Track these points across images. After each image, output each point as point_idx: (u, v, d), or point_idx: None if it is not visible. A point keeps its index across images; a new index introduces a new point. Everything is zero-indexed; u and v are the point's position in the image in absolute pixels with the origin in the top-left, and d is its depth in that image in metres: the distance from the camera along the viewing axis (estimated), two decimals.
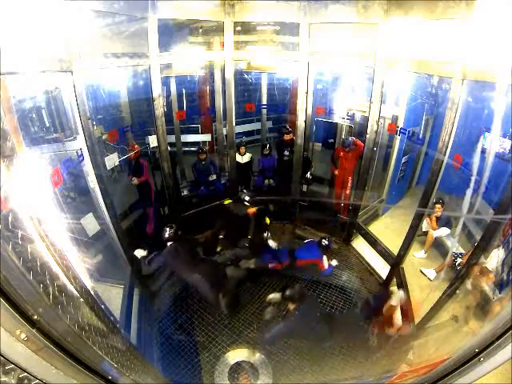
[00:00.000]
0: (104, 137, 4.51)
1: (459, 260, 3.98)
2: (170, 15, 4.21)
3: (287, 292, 3.32)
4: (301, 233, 5.97)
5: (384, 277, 4.76)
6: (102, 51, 3.36)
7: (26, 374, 0.91)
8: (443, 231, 4.60)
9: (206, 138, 7.98)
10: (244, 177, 6.32)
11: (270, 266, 4.56)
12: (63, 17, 2.60)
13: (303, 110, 5.17)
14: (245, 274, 4.27)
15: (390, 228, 5.40)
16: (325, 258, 4.63)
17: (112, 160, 4.07)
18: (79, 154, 3.31)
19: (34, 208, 1.05)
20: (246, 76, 7.38)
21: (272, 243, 4.83)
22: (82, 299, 1.27)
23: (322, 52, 4.74)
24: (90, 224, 3.51)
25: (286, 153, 6.00)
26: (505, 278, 2.79)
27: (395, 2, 3.89)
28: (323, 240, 4.63)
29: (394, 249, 4.57)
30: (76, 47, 2.86)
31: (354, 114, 5.89)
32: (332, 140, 8.27)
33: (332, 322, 3.48)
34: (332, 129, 7.97)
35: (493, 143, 4.03)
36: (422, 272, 4.37)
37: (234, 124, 5.45)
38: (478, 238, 3.18)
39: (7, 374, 0.87)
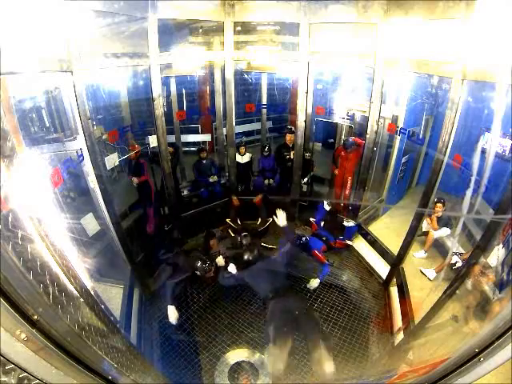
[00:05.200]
0: (104, 137, 4.51)
1: (458, 258, 3.98)
2: (169, 15, 4.21)
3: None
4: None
5: (384, 277, 4.76)
6: (102, 51, 3.36)
7: (26, 373, 0.91)
8: (444, 231, 4.59)
9: (206, 137, 7.97)
10: (244, 177, 6.32)
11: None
12: (63, 17, 2.60)
13: (303, 110, 5.17)
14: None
15: (390, 228, 5.40)
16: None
17: (112, 160, 4.06)
18: (79, 154, 3.31)
19: (34, 208, 1.04)
20: (246, 76, 7.39)
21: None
22: (82, 299, 1.27)
23: (321, 52, 4.75)
24: (90, 224, 3.51)
25: (287, 156, 5.81)
26: (505, 278, 2.79)
27: (395, 1, 3.89)
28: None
29: (394, 249, 4.57)
30: (76, 47, 2.86)
31: (354, 113, 5.89)
32: (332, 140, 8.26)
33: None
34: (332, 129, 7.96)
35: (493, 143, 4.03)
36: (422, 272, 4.36)
37: (233, 124, 5.46)
38: (478, 238, 3.18)
39: (7, 374, 0.87)
